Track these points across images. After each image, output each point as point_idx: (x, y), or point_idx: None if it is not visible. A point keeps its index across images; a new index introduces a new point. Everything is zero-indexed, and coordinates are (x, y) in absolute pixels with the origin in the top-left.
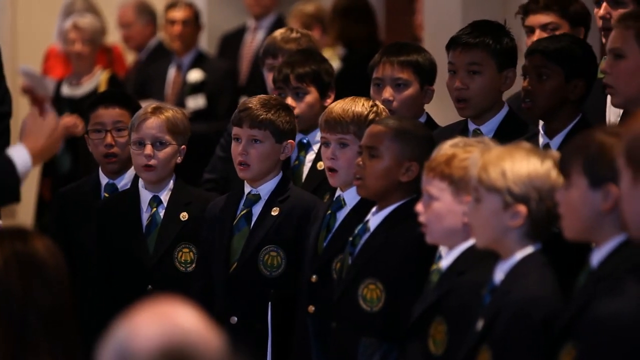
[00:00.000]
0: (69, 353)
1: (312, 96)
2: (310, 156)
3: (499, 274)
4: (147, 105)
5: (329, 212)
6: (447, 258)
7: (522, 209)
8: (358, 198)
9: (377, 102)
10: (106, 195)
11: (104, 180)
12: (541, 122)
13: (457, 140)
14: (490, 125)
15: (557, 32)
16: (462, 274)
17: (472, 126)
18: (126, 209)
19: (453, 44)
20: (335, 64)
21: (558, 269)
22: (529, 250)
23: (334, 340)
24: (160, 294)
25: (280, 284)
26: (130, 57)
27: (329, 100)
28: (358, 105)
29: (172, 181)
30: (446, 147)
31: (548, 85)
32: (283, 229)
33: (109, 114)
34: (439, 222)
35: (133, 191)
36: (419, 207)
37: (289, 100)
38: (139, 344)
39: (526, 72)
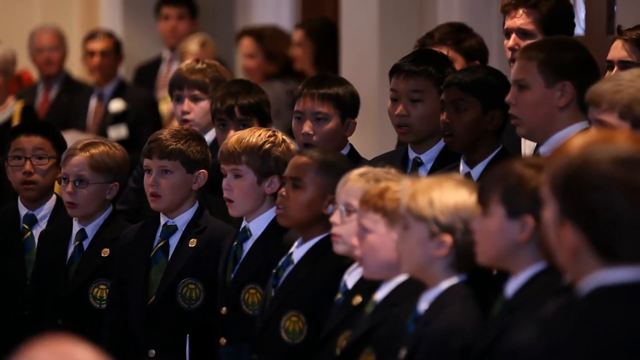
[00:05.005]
0: None
1: None
2: None
3: (423, 304)
4: (80, 139)
5: (235, 243)
6: (382, 290)
7: (447, 239)
8: (263, 228)
9: (277, 132)
10: (25, 226)
11: (23, 211)
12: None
13: (365, 169)
14: (431, 154)
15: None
16: (395, 306)
17: (412, 154)
18: (57, 240)
19: (396, 71)
20: None
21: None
22: (453, 280)
23: None
24: (71, 328)
25: (199, 316)
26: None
27: None
28: (254, 136)
29: (103, 216)
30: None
31: (466, 117)
32: (201, 261)
33: (29, 141)
34: (374, 255)
35: (67, 223)
36: (354, 240)
37: (232, 134)
38: None
39: (443, 106)
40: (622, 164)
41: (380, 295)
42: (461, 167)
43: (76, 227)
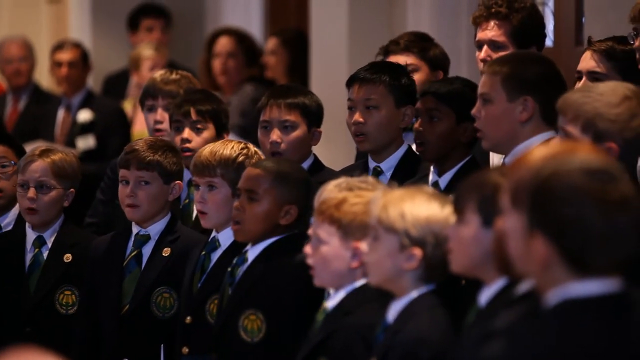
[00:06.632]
0: None
1: (209, 132)
2: None
3: (392, 313)
4: (36, 147)
5: (204, 253)
6: (333, 298)
7: (417, 252)
8: (233, 239)
9: (249, 145)
10: None
11: None
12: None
13: (341, 180)
14: (390, 163)
15: (416, 75)
16: (348, 315)
17: (372, 164)
18: (10, 248)
19: (352, 81)
20: None
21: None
22: (422, 290)
23: None
24: (39, 336)
25: (173, 325)
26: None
27: None
28: (227, 148)
29: (59, 222)
30: (330, 188)
31: (439, 127)
32: (175, 270)
33: None
34: (326, 265)
35: (19, 230)
36: (307, 249)
37: (187, 133)
38: None
39: (418, 114)
40: (593, 175)
41: (331, 303)
42: (430, 176)
43: (31, 235)
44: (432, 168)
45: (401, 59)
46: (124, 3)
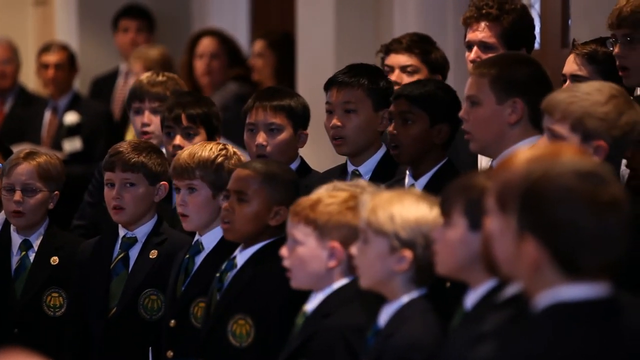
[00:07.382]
0: None
1: (201, 137)
2: None
3: (384, 317)
4: (20, 150)
5: (187, 256)
6: (312, 301)
7: (408, 254)
8: (216, 241)
9: (228, 145)
10: None
11: None
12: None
13: (333, 184)
14: (368, 166)
15: (416, 76)
16: (327, 317)
17: (350, 167)
18: None
19: (330, 84)
20: None
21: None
22: (413, 295)
23: None
24: (27, 338)
25: (161, 327)
26: None
27: None
28: (205, 150)
29: (44, 226)
30: (322, 192)
31: (413, 130)
32: (162, 272)
33: None
34: (302, 267)
35: (4, 234)
36: (284, 251)
37: (178, 140)
38: None
39: (392, 117)
40: (584, 177)
41: (310, 306)
42: (407, 180)
43: (17, 238)
44: (407, 171)
45: (402, 59)
46: (110, 5)
